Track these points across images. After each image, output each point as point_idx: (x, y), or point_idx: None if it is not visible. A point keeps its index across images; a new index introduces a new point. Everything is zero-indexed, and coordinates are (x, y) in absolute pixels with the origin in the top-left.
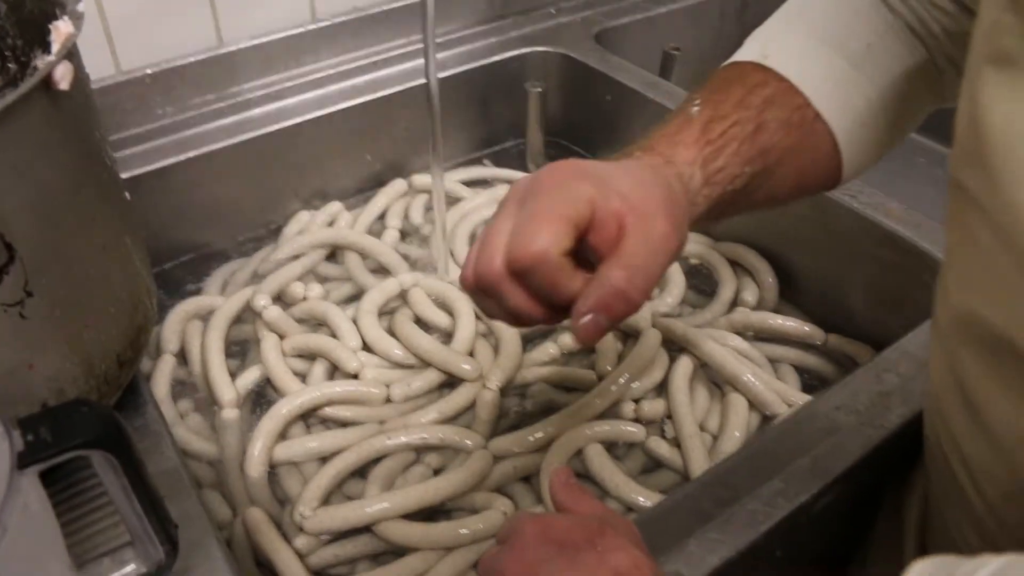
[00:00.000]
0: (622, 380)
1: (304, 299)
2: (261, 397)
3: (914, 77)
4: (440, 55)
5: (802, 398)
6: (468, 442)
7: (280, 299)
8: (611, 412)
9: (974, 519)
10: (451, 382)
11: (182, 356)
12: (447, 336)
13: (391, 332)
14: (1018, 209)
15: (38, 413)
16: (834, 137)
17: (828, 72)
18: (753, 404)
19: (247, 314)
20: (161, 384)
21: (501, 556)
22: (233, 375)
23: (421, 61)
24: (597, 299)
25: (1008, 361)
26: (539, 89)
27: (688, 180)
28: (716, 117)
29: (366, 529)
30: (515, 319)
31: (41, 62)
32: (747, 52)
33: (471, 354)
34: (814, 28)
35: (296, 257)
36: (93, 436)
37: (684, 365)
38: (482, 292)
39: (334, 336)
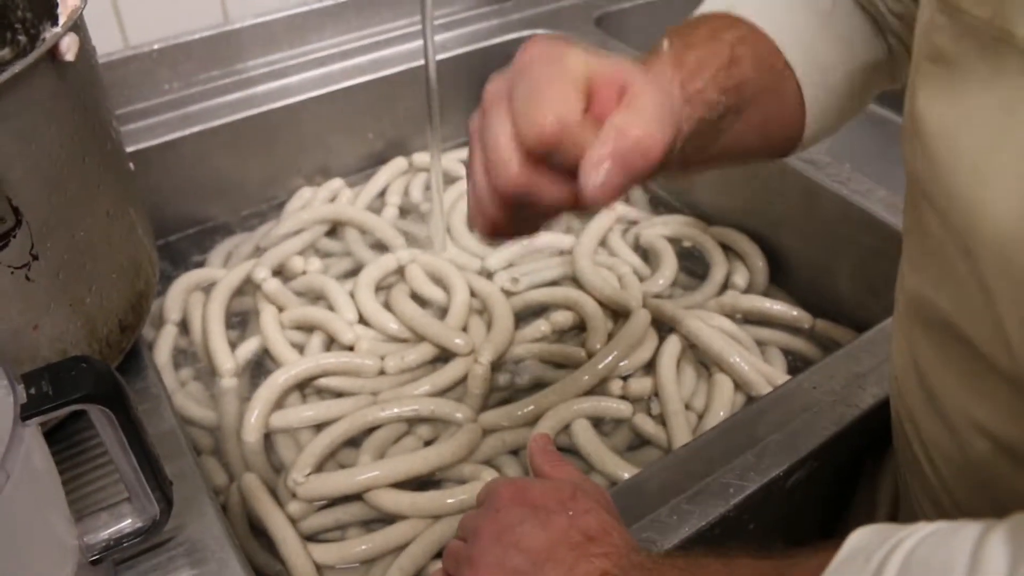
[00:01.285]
0: (611, 358)
1: (303, 273)
2: (259, 367)
3: (869, 49)
4: (441, 36)
5: (785, 379)
6: (459, 415)
7: (280, 273)
8: (599, 389)
9: (933, 496)
10: (444, 356)
11: (184, 327)
12: (442, 312)
13: (387, 306)
14: (955, 199)
15: (40, 368)
16: (801, 90)
17: (797, 22)
18: (739, 385)
19: (248, 286)
20: (163, 352)
21: (478, 517)
22: (233, 345)
23: (422, 42)
24: (612, 148)
25: (954, 345)
26: None
27: (666, 88)
28: (689, 45)
29: (357, 497)
30: (543, 217)
31: (49, 34)
32: (711, 4)
33: (464, 329)
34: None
35: (297, 232)
36: (92, 391)
37: (672, 345)
38: (504, 210)
39: (331, 309)
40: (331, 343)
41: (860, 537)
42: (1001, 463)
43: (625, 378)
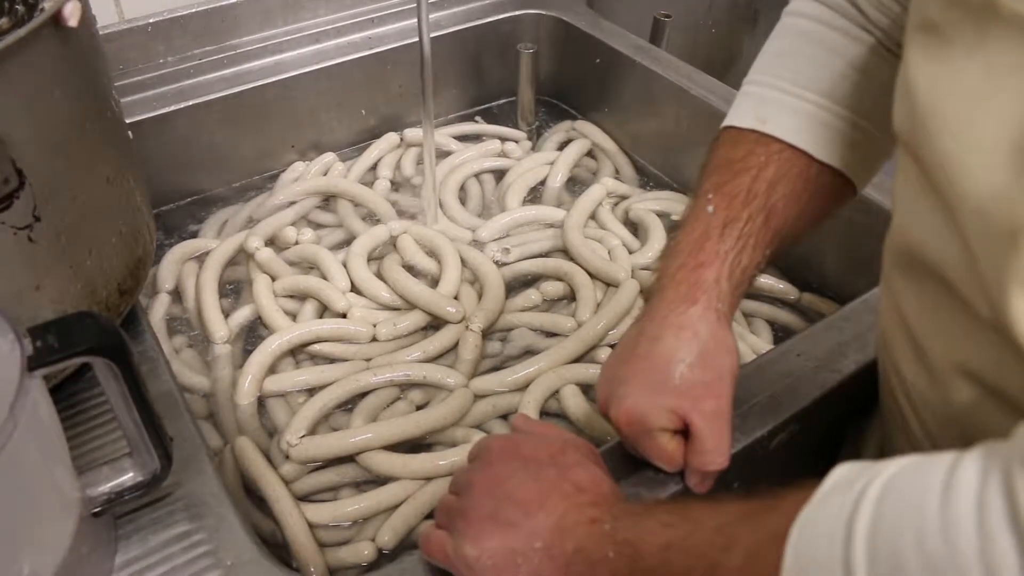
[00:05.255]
0: (600, 327)
1: (296, 243)
2: (252, 333)
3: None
4: (436, 14)
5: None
6: (450, 380)
7: (273, 243)
8: (588, 357)
9: (918, 451)
10: (436, 324)
11: (177, 295)
12: (433, 282)
13: (379, 276)
14: (940, 161)
15: (46, 322)
16: (843, 174)
17: (823, 122)
18: None
19: (241, 256)
20: (157, 321)
21: (471, 471)
22: (226, 313)
23: (416, 20)
24: (697, 476)
25: (940, 293)
26: (531, 50)
27: (718, 295)
28: (730, 220)
29: (350, 459)
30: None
31: (50, 2)
32: (743, 116)
33: (456, 298)
34: (799, 77)
35: (290, 204)
36: (96, 344)
37: None
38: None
39: (324, 278)
40: (324, 311)
41: (842, 470)
42: (984, 409)
43: (613, 346)
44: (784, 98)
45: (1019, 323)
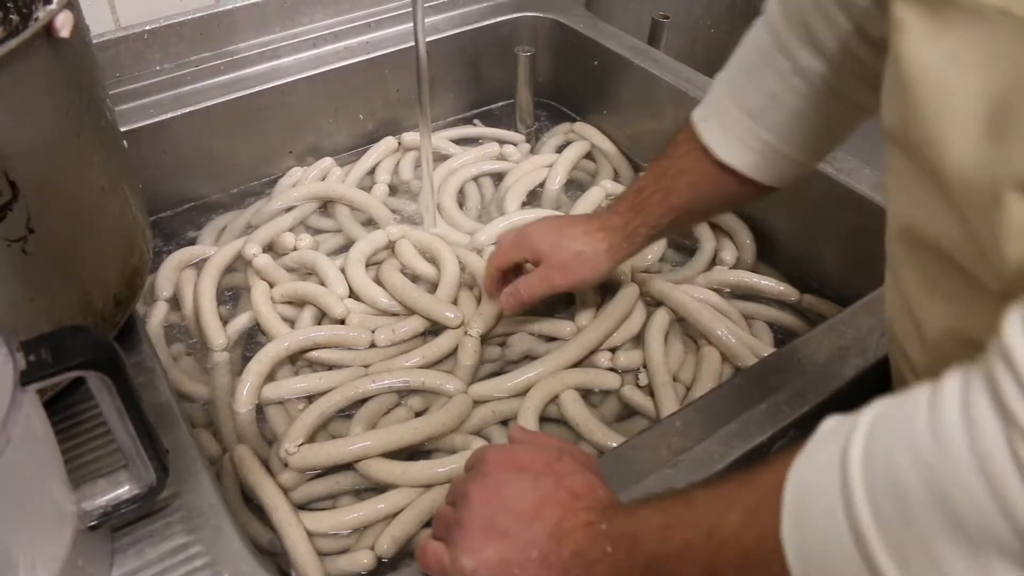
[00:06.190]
0: (600, 331)
1: (294, 249)
2: (251, 340)
3: (826, 111)
4: (433, 18)
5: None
6: (449, 386)
7: (272, 249)
8: (588, 361)
9: None
10: (434, 329)
11: (175, 303)
12: (432, 286)
13: (378, 281)
14: (925, 140)
15: (39, 336)
16: (748, 177)
17: (739, 135)
18: (726, 357)
19: (239, 263)
20: (155, 329)
21: (467, 481)
22: (225, 321)
23: (412, 24)
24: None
25: (941, 264)
26: (529, 53)
27: (614, 238)
28: (643, 187)
29: (348, 466)
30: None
31: (42, 13)
32: (699, 110)
33: (455, 302)
34: (734, 91)
35: (288, 209)
36: (90, 358)
37: (660, 318)
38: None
39: (322, 284)
40: (322, 317)
41: (829, 422)
42: None
43: (613, 350)
44: (718, 103)
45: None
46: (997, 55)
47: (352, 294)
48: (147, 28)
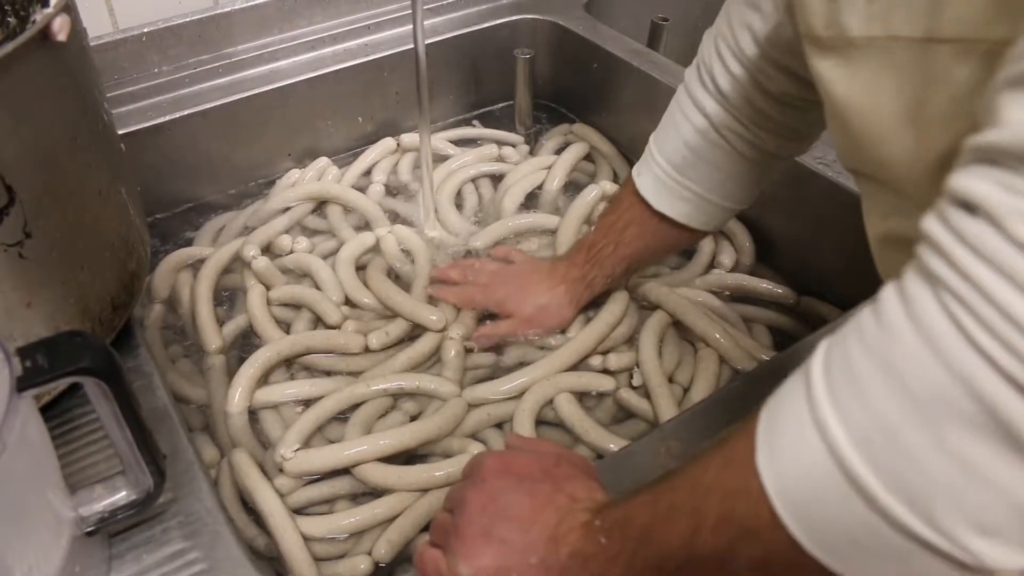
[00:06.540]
0: (592, 335)
1: (291, 252)
2: (246, 341)
3: (740, 160)
4: (432, 20)
5: (770, 355)
6: (443, 389)
7: (269, 250)
8: (582, 365)
9: None
10: (418, 334)
11: (171, 304)
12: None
13: (365, 283)
14: (876, 156)
15: (35, 342)
16: (684, 224)
17: (670, 188)
18: (724, 359)
19: (235, 264)
20: (152, 331)
21: (464, 489)
22: (221, 323)
23: (412, 26)
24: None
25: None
26: (528, 55)
27: (575, 289)
28: (595, 242)
29: (345, 471)
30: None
31: (40, 16)
32: (637, 166)
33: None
34: (664, 149)
35: (284, 210)
36: (87, 363)
37: (654, 321)
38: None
39: (317, 287)
40: (318, 322)
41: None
42: None
43: (605, 353)
44: (651, 157)
45: None
46: (901, 71)
47: (346, 298)
48: (145, 30)
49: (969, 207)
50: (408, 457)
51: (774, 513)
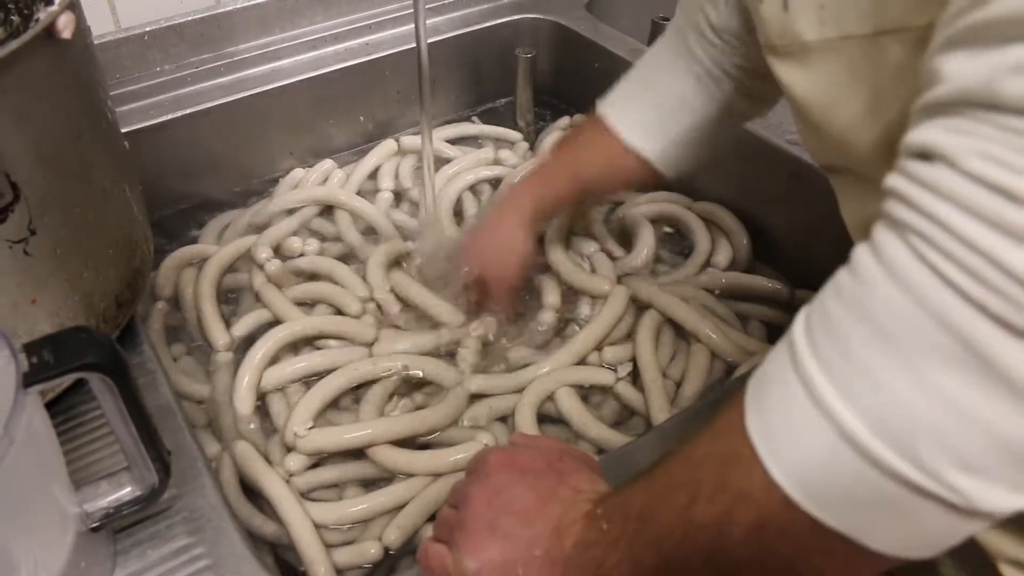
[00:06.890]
0: (590, 340)
1: (302, 255)
2: (254, 341)
3: (719, 110)
4: (434, 20)
5: (762, 347)
6: (449, 375)
7: (278, 251)
8: (581, 361)
9: None
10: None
11: (175, 302)
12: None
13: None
14: (845, 149)
15: (41, 338)
16: (645, 160)
17: (642, 120)
18: (715, 354)
19: (240, 263)
20: (155, 329)
21: (468, 484)
22: (226, 321)
23: (413, 25)
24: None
25: None
26: (530, 55)
27: (523, 211)
28: (546, 161)
29: (352, 455)
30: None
31: (44, 14)
32: (609, 95)
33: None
34: (646, 87)
35: (290, 212)
36: (92, 359)
37: (650, 318)
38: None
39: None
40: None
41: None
42: None
43: (600, 348)
44: (629, 90)
45: None
46: (856, 67)
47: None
48: (147, 29)
49: (925, 156)
50: (414, 447)
51: (766, 473)
